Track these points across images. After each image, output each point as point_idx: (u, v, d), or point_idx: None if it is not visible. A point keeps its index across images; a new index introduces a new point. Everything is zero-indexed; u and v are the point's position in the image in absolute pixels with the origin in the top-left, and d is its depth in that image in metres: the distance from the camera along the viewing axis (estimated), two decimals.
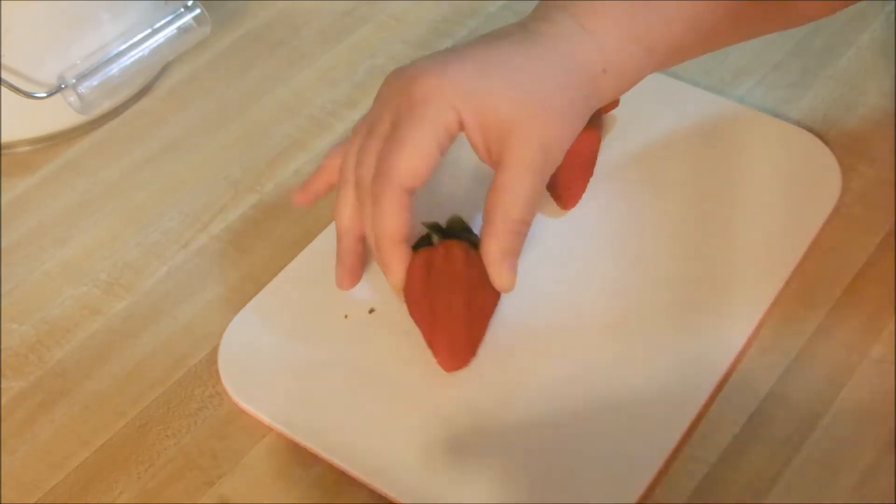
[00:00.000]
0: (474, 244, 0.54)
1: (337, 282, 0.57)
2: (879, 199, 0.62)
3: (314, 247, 0.61)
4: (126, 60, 0.68)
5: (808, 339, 0.56)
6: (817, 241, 0.60)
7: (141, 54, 0.69)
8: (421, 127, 0.51)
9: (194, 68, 0.75)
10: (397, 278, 0.53)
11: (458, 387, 0.54)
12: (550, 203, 0.61)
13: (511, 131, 0.52)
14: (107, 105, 0.70)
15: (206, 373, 0.57)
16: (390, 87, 0.54)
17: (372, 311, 0.58)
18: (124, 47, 0.68)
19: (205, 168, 0.68)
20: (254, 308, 0.59)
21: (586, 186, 0.61)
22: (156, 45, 0.69)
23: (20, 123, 0.69)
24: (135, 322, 0.60)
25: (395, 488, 0.51)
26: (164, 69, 0.74)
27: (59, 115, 0.68)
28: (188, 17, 0.70)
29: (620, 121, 0.65)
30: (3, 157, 0.69)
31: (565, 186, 0.60)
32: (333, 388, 0.55)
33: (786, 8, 0.59)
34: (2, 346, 0.59)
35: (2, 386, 0.57)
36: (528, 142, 0.52)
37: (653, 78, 0.58)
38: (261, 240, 0.63)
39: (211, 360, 0.57)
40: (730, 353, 0.55)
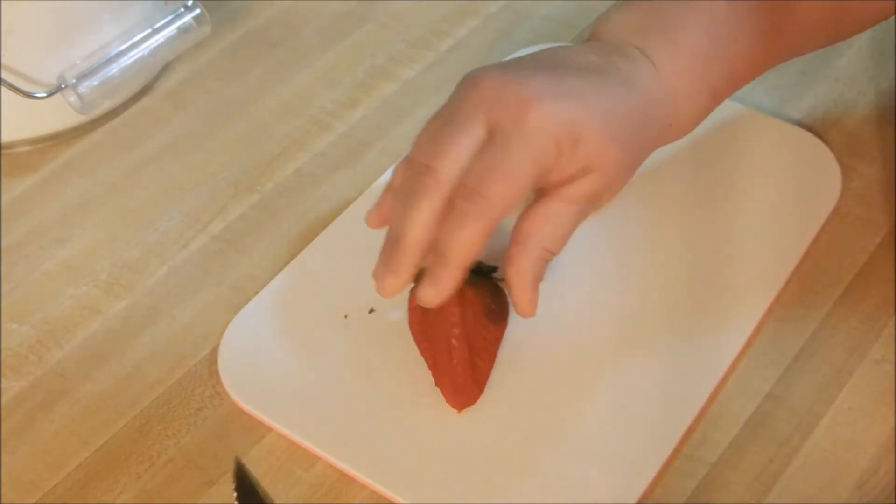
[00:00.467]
0: (469, 279, 0.52)
1: (381, 289, 0.52)
2: (879, 199, 0.62)
3: (314, 247, 0.61)
4: (126, 60, 0.68)
5: (808, 339, 0.56)
6: (817, 241, 0.60)
7: (141, 54, 0.69)
8: (531, 162, 0.49)
9: (194, 68, 0.75)
10: (442, 295, 0.51)
11: None
12: None
13: (586, 170, 0.51)
14: (107, 105, 0.70)
15: (206, 373, 0.57)
16: (494, 94, 0.50)
17: (372, 311, 0.58)
18: (124, 47, 0.68)
19: (205, 168, 0.68)
20: (254, 308, 0.59)
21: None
22: (156, 45, 0.69)
23: (20, 123, 0.69)
24: (135, 322, 0.60)
25: (395, 488, 0.51)
26: (164, 69, 0.74)
27: (59, 115, 0.68)
28: (188, 17, 0.70)
29: None
30: (3, 157, 0.69)
31: None
32: (333, 389, 0.55)
33: (838, 27, 0.60)
34: (2, 346, 0.59)
35: (2, 386, 0.57)
36: (595, 184, 0.51)
37: None
38: (261, 240, 0.63)
39: (211, 360, 0.57)
40: (730, 353, 0.55)
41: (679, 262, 0.59)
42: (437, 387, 0.53)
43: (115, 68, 0.68)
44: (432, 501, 0.50)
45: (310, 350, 0.56)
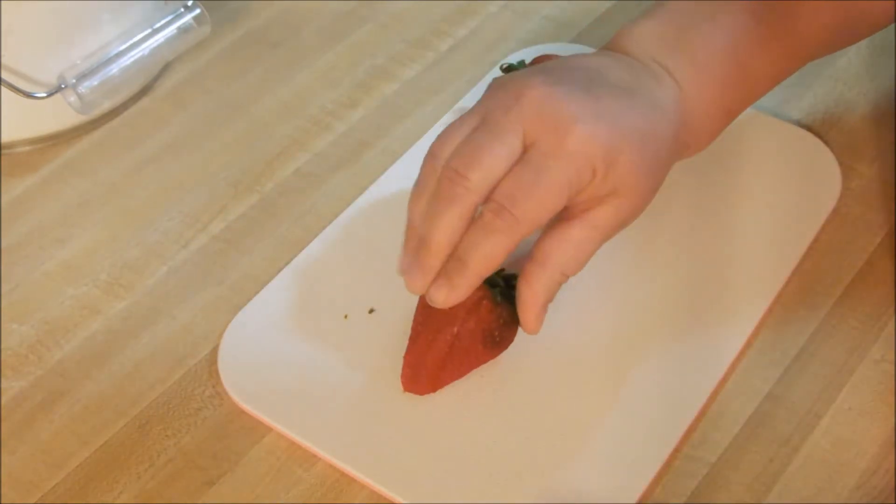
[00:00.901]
0: (494, 297, 0.52)
1: (412, 286, 0.52)
2: (879, 199, 0.62)
3: (314, 247, 0.61)
4: (126, 60, 0.68)
5: (808, 339, 0.56)
6: (817, 241, 0.60)
7: (141, 54, 0.69)
8: (566, 184, 0.49)
9: (194, 68, 0.75)
10: (452, 300, 0.50)
11: (459, 386, 0.54)
12: None
13: (614, 193, 0.51)
14: (107, 105, 0.70)
15: (206, 373, 0.57)
16: (535, 109, 0.50)
17: (372, 311, 0.58)
18: (124, 47, 0.68)
19: (205, 168, 0.68)
20: (254, 308, 0.59)
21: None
22: (156, 45, 0.69)
23: (20, 123, 0.69)
24: (135, 322, 0.60)
25: (395, 488, 0.51)
26: (164, 69, 0.74)
27: (59, 115, 0.68)
28: (188, 17, 0.70)
29: None
30: (3, 157, 0.69)
31: None
32: (333, 388, 0.55)
33: (849, 33, 0.60)
34: (2, 346, 0.59)
35: (2, 386, 0.57)
36: (622, 210, 0.51)
37: None
38: (261, 240, 0.63)
39: (211, 360, 0.57)
40: (730, 353, 0.55)
41: (679, 262, 0.59)
42: (403, 357, 0.53)
43: (115, 68, 0.68)
44: (432, 501, 0.50)
45: (310, 350, 0.56)
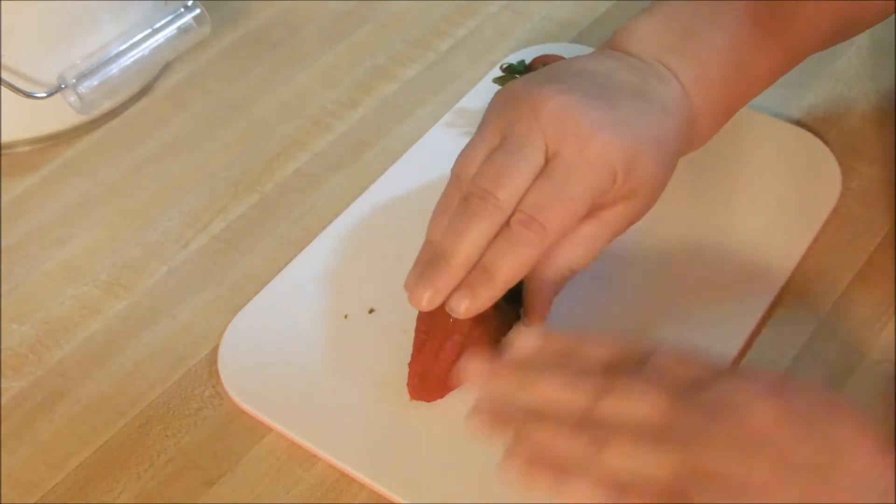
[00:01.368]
0: (498, 302, 0.52)
1: (417, 302, 0.51)
2: (879, 199, 0.62)
3: (314, 247, 0.61)
4: (126, 60, 0.68)
5: (808, 338, 0.56)
6: (817, 241, 0.60)
7: (141, 54, 0.69)
8: (590, 192, 0.50)
9: (194, 68, 0.75)
10: (474, 310, 0.50)
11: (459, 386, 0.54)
12: None
13: (631, 194, 0.52)
14: (107, 105, 0.70)
15: (206, 373, 0.57)
16: (555, 121, 0.50)
17: (372, 311, 0.58)
18: (124, 47, 0.68)
19: (205, 168, 0.68)
20: (254, 308, 0.59)
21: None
22: (156, 45, 0.69)
23: (20, 123, 0.69)
24: (135, 322, 0.60)
25: (395, 488, 0.51)
26: (164, 69, 0.74)
27: (59, 115, 0.68)
28: (188, 17, 0.70)
29: None
30: (3, 157, 0.69)
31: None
32: (333, 388, 0.55)
33: (845, 27, 0.60)
34: (2, 346, 0.59)
35: (2, 386, 0.57)
36: (636, 209, 0.52)
37: None
38: (261, 240, 0.63)
39: (211, 360, 0.57)
40: (729, 353, 0.55)
41: (679, 261, 0.59)
42: (408, 366, 0.53)
43: (115, 68, 0.68)
44: (432, 501, 0.50)
45: (310, 350, 0.56)
